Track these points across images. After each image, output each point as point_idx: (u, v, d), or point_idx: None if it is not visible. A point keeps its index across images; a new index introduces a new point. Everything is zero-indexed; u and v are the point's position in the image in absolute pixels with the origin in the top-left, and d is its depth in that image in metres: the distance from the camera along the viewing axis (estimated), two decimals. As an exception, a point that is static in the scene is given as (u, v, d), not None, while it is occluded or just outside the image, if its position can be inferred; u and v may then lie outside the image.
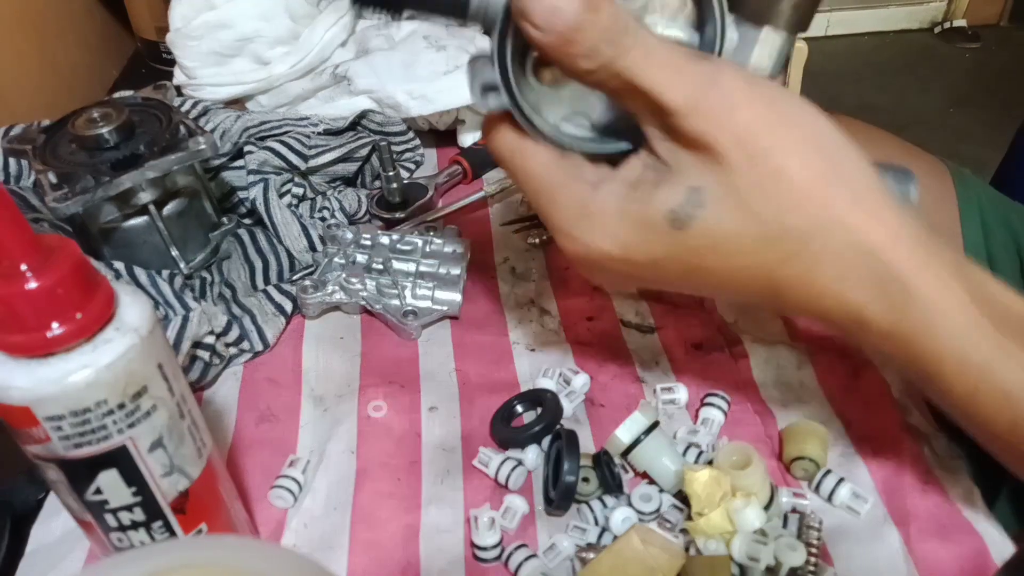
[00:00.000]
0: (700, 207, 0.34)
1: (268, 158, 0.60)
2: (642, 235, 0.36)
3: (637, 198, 0.36)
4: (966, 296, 0.34)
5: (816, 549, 0.40)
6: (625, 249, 0.37)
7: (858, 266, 0.34)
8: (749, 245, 0.34)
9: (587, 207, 0.37)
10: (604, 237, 0.37)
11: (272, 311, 0.56)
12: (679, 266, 0.36)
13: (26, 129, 0.61)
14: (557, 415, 0.48)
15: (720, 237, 0.35)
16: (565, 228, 0.38)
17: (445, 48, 0.70)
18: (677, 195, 0.35)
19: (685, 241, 0.35)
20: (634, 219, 0.36)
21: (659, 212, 0.35)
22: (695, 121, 0.33)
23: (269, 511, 0.46)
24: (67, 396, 0.30)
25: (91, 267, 0.31)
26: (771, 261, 0.35)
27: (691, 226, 0.35)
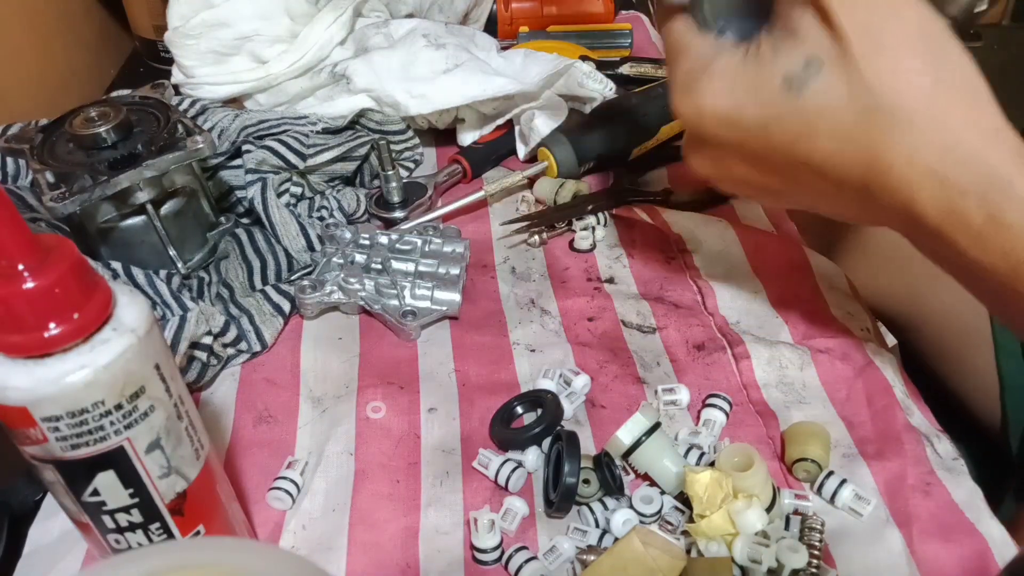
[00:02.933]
0: (816, 74, 0.36)
1: (266, 157, 0.60)
2: (755, 96, 0.38)
3: (755, 61, 0.38)
4: None
5: (818, 551, 0.40)
6: (737, 108, 0.39)
7: (959, 156, 0.35)
8: (857, 117, 0.36)
9: (708, 66, 0.40)
10: (718, 94, 0.39)
11: (270, 311, 0.56)
12: (787, 134, 0.38)
13: (23, 128, 0.60)
14: (557, 416, 0.48)
15: (832, 105, 0.36)
16: (684, 83, 0.41)
17: (444, 47, 0.70)
18: (794, 62, 0.37)
19: (797, 105, 0.37)
20: (750, 79, 0.38)
21: (775, 75, 0.37)
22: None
23: (267, 512, 0.46)
24: (64, 396, 0.30)
25: (89, 267, 0.31)
26: (877, 136, 0.36)
27: (805, 91, 0.37)
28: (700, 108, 0.40)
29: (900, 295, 0.73)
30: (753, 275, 0.60)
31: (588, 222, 0.65)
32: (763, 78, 0.38)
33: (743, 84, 0.39)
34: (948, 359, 0.70)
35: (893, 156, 0.36)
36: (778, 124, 0.38)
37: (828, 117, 0.36)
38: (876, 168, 0.36)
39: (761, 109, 0.38)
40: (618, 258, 0.63)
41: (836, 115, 0.36)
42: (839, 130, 0.36)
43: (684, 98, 0.41)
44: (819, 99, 0.36)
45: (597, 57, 0.84)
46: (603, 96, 0.74)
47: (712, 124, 0.40)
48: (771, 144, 0.39)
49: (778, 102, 0.38)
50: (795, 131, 0.38)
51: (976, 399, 0.68)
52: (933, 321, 0.71)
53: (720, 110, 0.40)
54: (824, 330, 0.55)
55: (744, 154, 0.41)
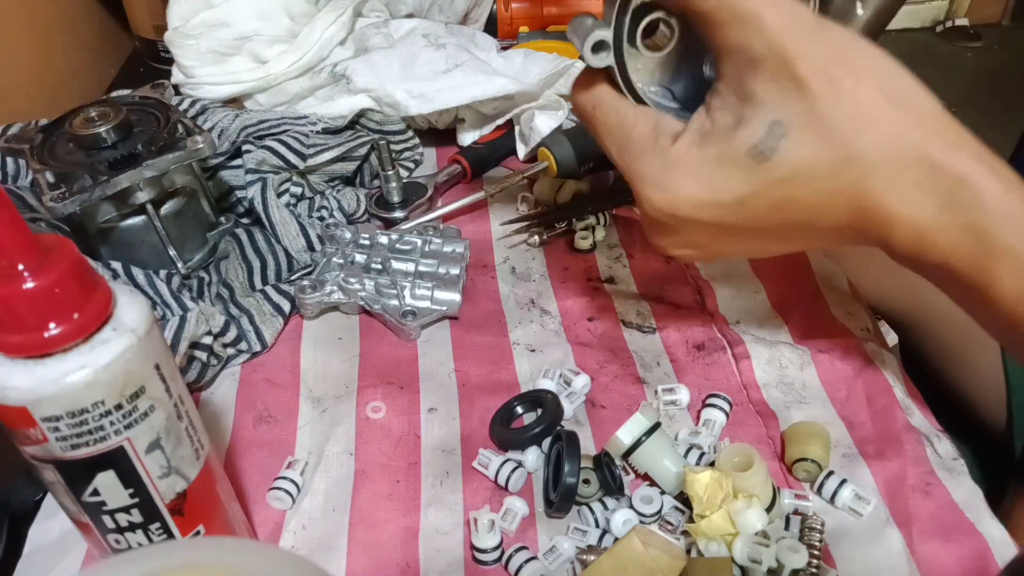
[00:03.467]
0: (782, 138, 0.36)
1: (266, 157, 0.60)
2: (727, 174, 0.37)
3: (718, 140, 0.37)
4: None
5: (818, 551, 0.40)
6: (712, 190, 0.38)
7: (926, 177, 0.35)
8: (831, 167, 0.35)
9: (670, 156, 0.39)
10: (690, 182, 0.38)
11: (270, 311, 0.56)
12: (766, 202, 0.37)
13: (23, 128, 0.60)
14: (557, 416, 0.48)
15: (804, 163, 0.36)
16: (651, 177, 0.39)
17: (444, 47, 0.70)
18: (758, 130, 0.36)
19: (770, 172, 0.36)
20: (717, 159, 0.37)
21: (741, 148, 0.36)
22: (789, 44, 0.35)
23: (267, 512, 0.46)
24: (64, 396, 0.30)
25: (89, 267, 0.31)
26: (855, 180, 0.36)
27: (774, 157, 0.36)
28: (674, 202, 0.39)
29: (904, 295, 0.72)
30: (753, 275, 0.60)
31: (588, 222, 0.65)
32: (729, 154, 0.37)
33: (712, 166, 0.38)
34: (953, 359, 0.70)
35: (872, 197, 0.36)
36: (754, 196, 0.37)
37: (803, 176, 0.36)
38: (858, 212, 0.36)
39: (736, 185, 0.37)
40: (618, 258, 0.63)
41: (810, 172, 0.36)
42: (817, 187, 0.36)
43: (652, 194, 0.39)
44: (790, 162, 0.36)
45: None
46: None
47: (687, 212, 0.39)
48: (752, 215, 0.38)
49: (750, 174, 0.37)
50: (773, 199, 0.37)
51: (981, 399, 0.68)
52: (938, 321, 0.71)
53: (694, 195, 0.38)
54: (824, 330, 0.55)
55: (723, 231, 0.40)
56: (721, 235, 0.40)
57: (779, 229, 0.39)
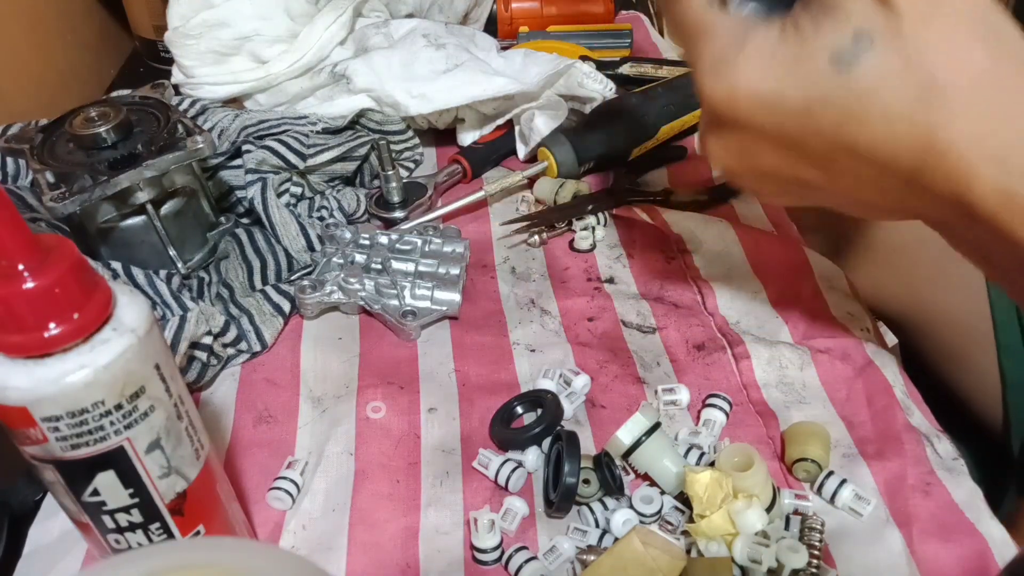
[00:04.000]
0: (867, 50, 0.33)
1: (266, 157, 0.60)
2: (800, 73, 0.35)
3: (796, 38, 0.35)
4: None
5: (818, 551, 0.40)
6: (777, 89, 0.35)
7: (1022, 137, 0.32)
8: (915, 95, 0.33)
9: (742, 43, 0.36)
10: (756, 74, 0.35)
11: (270, 311, 0.56)
12: (834, 116, 0.35)
13: (23, 128, 0.60)
14: (557, 416, 0.48)
15: (887, 82, 0.33)
16: (714, 65, 0.36)
17: (444, 46, 0.70)
18: (842, 36, 0.34)
19: (846, 84, 0.34)
20: (791, 57, 0.35)
21: (821, 51, 0.34)
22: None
23: (267, 513, 0.46)
24: (64, 396, 0.30)
25: (89, 267, 0.31)
26: (935, 116, 0.33)
27: (855, 68, 0.33)
28: (734, 91, 0.36)
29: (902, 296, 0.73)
30: (753, 275, 0.60)
31: (588, 222, 0.65)
32: (807, 55, 0.34)
33: (784, 63, 0.35)
34: (950, 359, 0.70)
35: (952, 137, 0.33)
36: (824, 105, 0.35)
37: (881, 96, 0.33)
38: (933, 151, 0.33)
39: (805, 89, 0.35)
40: (618, 258, 0.63)
41: (890, 94, 0.33)
42: (893, 110, 0.33)
43: (714, 80, 0.37)
44: (871, 76, 0.33)
45: (597, 57, 0.84)
46: (603, 96, 0.74)
47: (747, 108, 0.36)
48: (814, 128, 0.36)
49: (825, 81, 0.34)
50: (843, 112, 0.34)
51: (978, 399, 0.68)
52: (935, 321, 0.71)
53: (758, 92, 0.36)
54: (824, 330, 0.55)
55: (779, 141, 0.37)
56: (774, 146, 0.38)
57: (838, 155, 0.36)
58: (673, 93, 0.73)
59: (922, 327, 0.72)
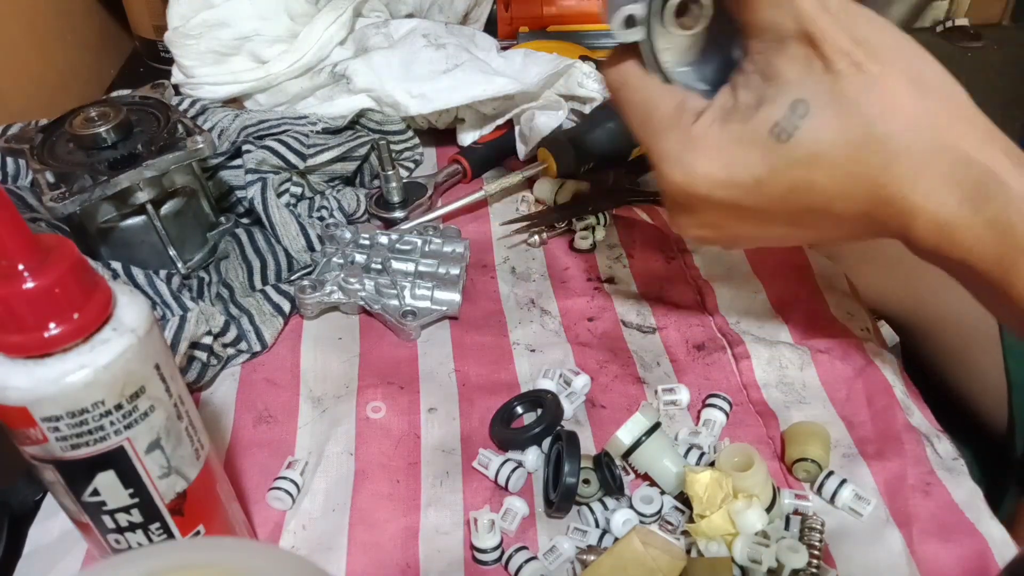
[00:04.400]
0: (804, 117, 0.35)
1: (266, 157, 0.60)
2: (745, 153, 0.37)
3: (739, 118, 0.37)
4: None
5: (818, 551, 0.40)
6: (728, 170, 0.37)
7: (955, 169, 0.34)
8: (854, 152, 0.35)
9: (690, 134, 0.38)
10: (707, 160, 0.38)
11: (270, 311, 0.56)
12: (783, 183, 0.37)
13: (23, 128, 0.60)
14: (557, 416, 0.48)
15: (825, 144, 0.35)
16: (671, 155, 0.39)
17: (444, 47, 0.70)
18: (780, 108, 0.36)
19: (789, 153, 0.36)
20: (736, 138, 0.37)
21: (762, 126, 0.36)
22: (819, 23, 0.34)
23: (267, 513, 0.46)
24: (64, 396, 0.30)
25: (89, 267, 0.31)
26: (875, 166, 0.35)
27: (795, 137, 0.35)
28: (691, 180, 0.39)
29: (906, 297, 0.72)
30: (753, 275, 0.60)
31: (588, 222, 0.65)
32: (750, 134, 0.37)
33: (730, 144, 0.37)
34: (954, 360, 0.70)
35: (891, 182, 0.35)
36: (772, 176, 0.37)
37: (822, 158, 0.36)
38: (877, 198, 0.36)
39: (754, 164, 0.37)
40: (618, 258, 0.63)
41: (831, 155, 0.35)
42: (836, 170, 0.36)
43: (671, 171, 0.39)
44: (810, 142, 0.35)
45: (597, 57, 0.84)
46: (603, 96, 0.74)
47: (705, 192, 0.39)
48: (768, 197, 0.38)
49: (769, 154, 0.36)
50: (790, 180, 0.37)
51: (982, 400, 0.68)
52: (939, 322, 0.71)
53: (712, 178, 0.38)
54: (824, 330, 0.55)
55: (741, 213, 0.39)
56: (738, 217, 0.40)
57: (796, 214, 0.39)
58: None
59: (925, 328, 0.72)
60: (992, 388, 0.66)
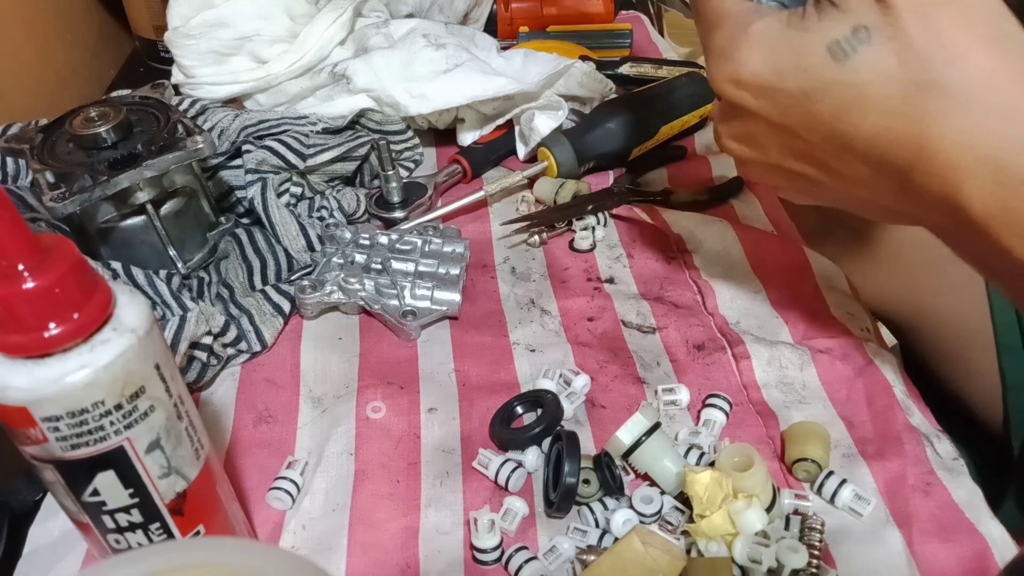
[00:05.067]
0: (865, 42, 0.34)
1: (266, 157, 0.60)
2: (799, 60, 0.36)
3: (800, 26, 0.36)
4: None
5: (818, 551, 0.40)
6: (778, 73, 0.36)
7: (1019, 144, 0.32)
8: (912, 91, 0.33)
9: (749, 29, 0.37)
10: (759, 57, 0.37)
11: (270, 311, 0.56)
12: (831, 106, 0.36)
13: (23, 128, 0.60)
14: (557, 416, 0.48)
15: (883, 75, 0.34)
16: (723, 46, 0.38)
17: (444, 46, 0.70)
18: (841, 28, 0.34)
19: (843, 75, 0.35)
20: (793, 45, 0.36)
21: (821, 41, 0.35)
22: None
23: (267, 513, 0.46)
24: (64, 397, 0.30)
25: (89, 267, 0.31)
26: (928, 115, 0.33)
27: (852, 58, 0.34)
28: (738, 75, 0.38)
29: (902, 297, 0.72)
30: (753, 275, 0.60)
31: (588, 222, 0.65)
32: (807, 44, 0.35)
33: (785, 50, 0.36)
34: (950, 361, 0.70)
35: (944, 138, 0.33)
36: (822, 94, 0.35)
37: (876, 89, 0.34)
38: (924, 149, 0.33)
39: (804, 78, 0.36)
40: (618, 258, 0.63)
41: (885, 87, 0.34)
42: (887, 104, 0.34)
43: (721, 65, 0.38)
44: (867, 69, 0.34)
45: (597, 57, 0.84)
46: (603, 96, 0.74)
47: (751, 93, 0.38)
48: (813, 117, 0.36)
49: (823, 70, 0.35)
50: (840, 102, 0.35)
51: (978, 400, 0.68)
52: (935, 323, 0.71)
53: (760, 77, 0.37)
54: (824, 330, 0.55)
55: (782, 130, 0.38)
56: (778, 135, 0.39)
57: (835, 152, 0.37)
58: (673, 93, 0.73)
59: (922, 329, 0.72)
60: (988, 389, 0.66)
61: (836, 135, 0.36)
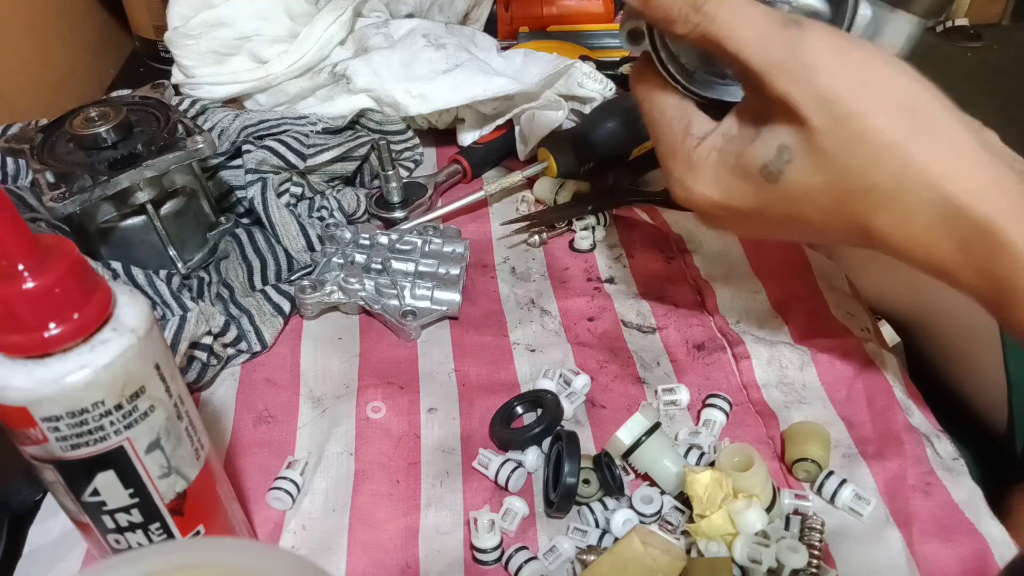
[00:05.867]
0: (788, 163, 0.37)
1: (266, 157, 0.60)
2: (740, 185, 0.39)
3: (734, 152, 0.39)
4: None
5: (818, 551, 0.40)
6: (727, 197, 0.40)
7: (944, 219, 0.35)
8: (838, 198, 0.37)
9: (692, 158, 0.41)
10: (707, 186, 0.41)
11: (270, 311, 0.56)
12: (778, 214, 0.39)
13: (23, 128, 0.60)
14: (557, 416, 0.48)
15: (810, 190, 0.37)
16: (676, 175, 0.42)
17: (444, 47, 0.70)
18: (768, 150, 0.37)
19: (779, 192, 0.38)
20: (732, 170, 0.39)
21: (754, 165, 0.38)
22: (778, 83, 0.35)
23: (267, 513, 0.46)
24: (64, 397, 0.30)
25: (89, 267, 0.31)
26: (860, 212, 0.37)
27: (781, 179, 0.37)
28: (693, 196, 0.41)
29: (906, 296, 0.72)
30: (753, 275, 0.60)
31: (588, 222, 0.65)
32: (743, 168, 0.39)
33: (727, 175, 0.39)
34: (954, 360, 0.70)
35: (881, 229, 0.36)
36: (766, 208, 0.39)
37: (810, 200, 0.37)
38: (870, 236, 0.37)
39: (748, 197, 0.39)
40: (618, 258, 0.63)
41: (817, 198, 0.37)
42: (824, 211, 0.37)
43: (678, 191, 0.42)
44: (796, 186, 0.37)
45: (597, 57, 0.84)
46: (603, 96, 0.74)
47: (707, 208, 0.41)
48: (766, 220, 0.40)
49: (763, 191, 0.38)
50: (783, 212, 0.39)
51: (982, 400, 0.67)
52: (939, 322, 0.71)
53: (710, 198, 0.41)
54: (824, 330, 0.55)
55: (743, 220, 0.42)
56: (745, 223, 0.42)
57: (796, 229, 0.41)
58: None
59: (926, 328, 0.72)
60: (992, 388, 0.66)
61: (792, 226, 0.40)
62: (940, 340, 0.71)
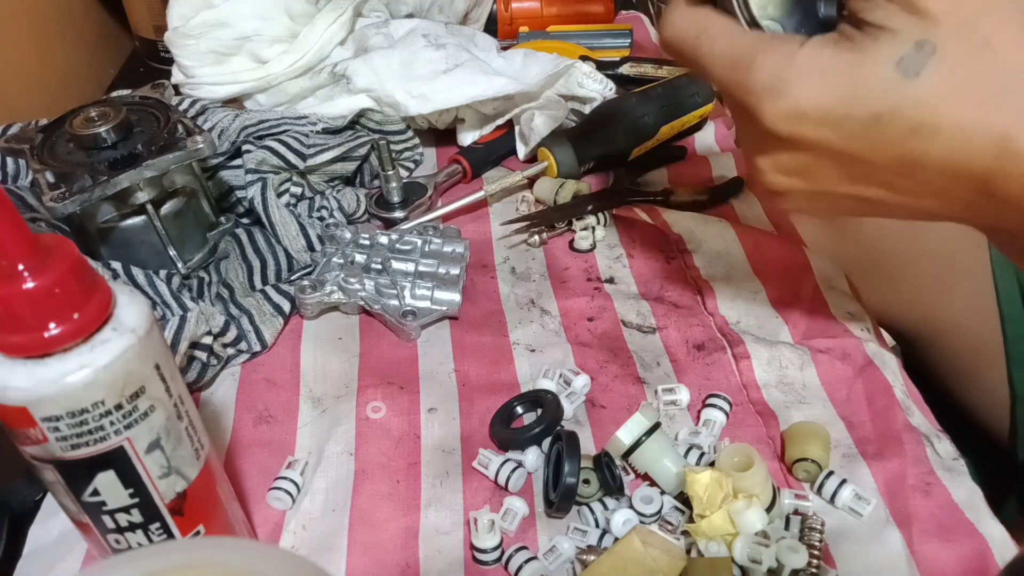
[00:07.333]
0: (931, 56, 0.32)
1: (266, 157, 0.60)
2: (864, 83, 0.33)
3: (854, 49, 0.33)
4: None
5: (818, 551, 0.40)
6: (843, 100, 0.33)
7: None
8: (989, 96, 0.32)
9: (796, 58, 0.34)
10: (820, 87, 0.34)
11: (270, 311, 0.56)
12: (903, 126, 0.33)
13: (23, 128, 0.60)
14: (557, 416, 0.48)
15: (957, 84, 0.32)
16: (772, 85, 0.34)
17: (444, 47, 0.70)
18: (904, 46, 0.32)
19: (915, 92, 0.32)
20: (853, 68, 0.33)
21: (885, 59, 0.32)
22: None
23: (267, 513, 0.46)
24: (64, 397, 0.30)
25: (89, 267, 0.31)
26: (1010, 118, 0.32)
27: (923, 74, 0.32)
28: (799, 109, 0.34)
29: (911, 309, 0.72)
30: (753, 275, 0.60)
31: (588, 222, 0.65)
32: (870, 64, 0.32)
33: (845, 74, 0.33)
34: (958, 373, 0.70)
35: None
36: (893, 115, 0.33)
37: (952, 102, 0.32)
38: (1007, 154, 0.32)
39: (872, 100, 0.33)
40: (618, 258, 0.63)
41: (961, 98, 0.32)
42: (966, 115, 0.32)
43: (775, 102, 0.34)
44: (938, 84, 0.32)
45: (597, 57, 0.84)
46: (603, 96, 0.74)
47: (814, 125, 0.34)
48: (882, 140, 0.34)
49: (892, 90, 0.32)
50: (913, 121, 0.33)
51: (985, 413, 0.67)
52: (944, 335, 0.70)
53: (823, 108, 0.34)
54: (824, 330, 0.55)
55: (844, 158, 0.35)
56: (839, 166, 0.36)
57: (903, 169, 0.35)
58: (673, 93, 0.73)
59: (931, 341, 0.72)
60: (996, 399, 0.66)
61: (907, 153, 0.34)
62: (945, 354, 0.71)
